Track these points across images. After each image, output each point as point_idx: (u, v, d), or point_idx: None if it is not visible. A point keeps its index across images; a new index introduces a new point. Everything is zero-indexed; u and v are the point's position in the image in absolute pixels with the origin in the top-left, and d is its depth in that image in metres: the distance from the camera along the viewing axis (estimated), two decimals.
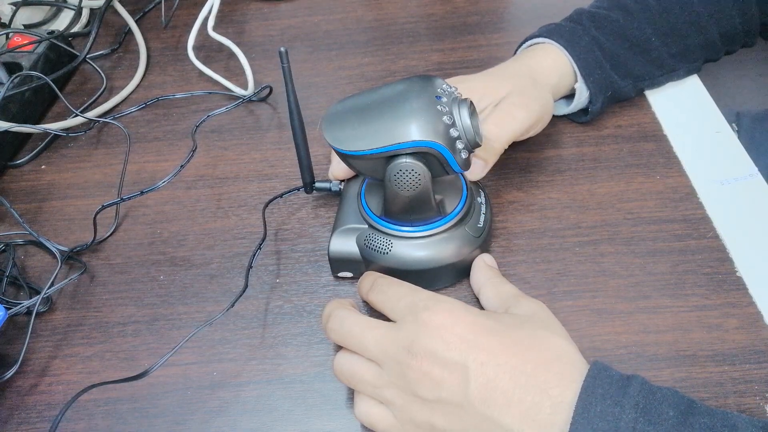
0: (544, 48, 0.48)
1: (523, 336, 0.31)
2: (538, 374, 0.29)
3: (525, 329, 0.32)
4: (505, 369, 0.30)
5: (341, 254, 0.41)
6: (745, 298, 0.39)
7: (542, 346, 0.31)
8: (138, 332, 0.41)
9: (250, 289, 0.43)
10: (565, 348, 0.31)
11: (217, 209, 0.48)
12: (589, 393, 0.28)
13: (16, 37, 0.59)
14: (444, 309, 0.32)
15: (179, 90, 0.58)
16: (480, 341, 0.31)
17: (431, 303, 0.32)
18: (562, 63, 0.47)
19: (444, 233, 0.39)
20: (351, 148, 0.36)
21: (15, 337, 0.42)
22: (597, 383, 0.29)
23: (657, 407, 0.28)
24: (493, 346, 0.30)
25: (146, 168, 0.52)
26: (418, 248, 0.39)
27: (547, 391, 0.29)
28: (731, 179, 0.46)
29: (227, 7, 0.67)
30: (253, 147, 0.52)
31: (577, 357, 0.31)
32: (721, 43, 0.51)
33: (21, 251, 0.47)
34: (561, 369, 0.30)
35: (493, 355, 0.30)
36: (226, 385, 0.38)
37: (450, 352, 0.30)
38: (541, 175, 0.47)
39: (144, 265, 0.45)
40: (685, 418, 0.27)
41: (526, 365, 0.30)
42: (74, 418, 0.38)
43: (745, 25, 0.51)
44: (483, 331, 0.31)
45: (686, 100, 0.52)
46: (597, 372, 0.29)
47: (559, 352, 0.31)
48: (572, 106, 0.49)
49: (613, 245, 0.43)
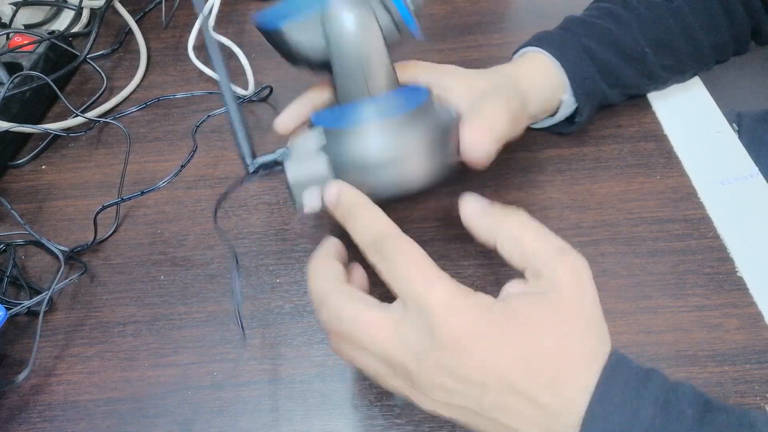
0: (533, 58, 0.46)
1: (548, 341, 0.28)
2: (557, 381, 0.28)
3: (552, 329, 0.28)
4: (526, 383, 0.28)
5: (304, 180, 0.34)
6: (746, 298, 0.39)
7: (567, 348, 0.28)
8: (138, 332, 0.41)
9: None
10: (589, 345, 0.28)
11: (218, 209, 0.48)
12: (609, 383, 0.27)
13: (17, 37, 0.59)
14: (456, 313, 0.28)
15: (179, 90, 0.58)
16: (500, 363, 0.28)
17: (440, 297, 0.28)
18: (553, 74, 0.45)
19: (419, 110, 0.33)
20: (282, 15, 0.33)
21: (15, 337, 0.42)
22: (617, 373, 0.27)
23: (676, 405, 0.27)
24: (513, 361, 0.28)
25: (147, 168, 0.52)
26: (389, 135, 0.32)
27: (563, 391, 0.27)
28: (732, 179, 0.46)
29: (227, 7, 0.67)
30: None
31: (600, 348, 0.29)
32: (711, 55, 0.50)
33: (21, 251, 0.47)
34: (581, 364, 0.28)
35: (514, 375, 0.28)
36: (226, 385, 0.38)
37: (467, 370, 0.28)
38: (541, 175, 0.47)
39: (144, 265, 0.45)
40: (703, 416, 0.27)
41: (546, 373, 0.28)
42: (74, 418, 0.38)
43: (735, 35, 0.50)
44: (503, 345, 0.28)
45: (687, 100, 0.52)
46: (616, 362, 0.28)
47: (584, 350, 0.28)
48: (558, 116, 0.47)
49: (613, 245, 0.43)
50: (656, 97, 0.52)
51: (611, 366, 0.28)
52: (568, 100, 0.46)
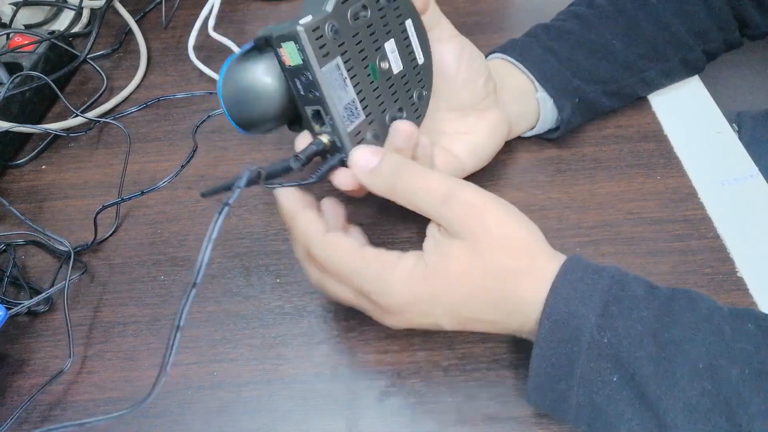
0: (497, 63, 0.47)
1: (493, 287, 0.32)
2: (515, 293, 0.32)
3: (490, 277, 0.32)
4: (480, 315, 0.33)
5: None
6: (746, 298, 0.39)
7: (511, 283, 0.32)
8: (138, 332, 0.41)
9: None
10: (522, 263, 0.32)
11: (218, 209, 0.48)
12: (568, 269, 0.32)
13: (17, 38, 0.59)
14: (396, 293, 0.32)
15: (180, 90, 0.58)
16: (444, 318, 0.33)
17: (379, 287, 0.32)
18: (517, 74, 0.46)
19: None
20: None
21: (15, 337, 0.42)
22: (574, 266, 0.32)
23: (630, 282, 0.31)
24: (464, 300, 0.32)
25: (147, 168, 0.52)
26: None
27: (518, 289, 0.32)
28: (732, 179, 0.46)
29: (228, 7, 0.67)
30: (253, 147, 0.52)
31: (537, 262, 0.32)
32: (695, 42, 0.49)
33: (21, 251, 0.47)
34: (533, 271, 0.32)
35: (468, 312, 0.33)
36: (226, 385, 0.38)
37: (423, 318, 0.33)
38: (541, 175, 0.47)
39: (144, 265, 0.45)
40: (651, 290, 0.31)
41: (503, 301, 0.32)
42: (74, 418, 0.38)
43: (719, 23, 0.50)
44: (446, 309, 0.33)
45: (687, 100, 0.52)
46: (574, 259, 0.33)
47: (520, 266, 0.32)
48: (541, 117, 0.46)
49: (613, 245, 0.43)
50: (656, 97, 0.52)
51: (565, 267, 0.32)
52: (542, 97, 0.46)
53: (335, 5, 0.33)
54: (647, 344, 0.29)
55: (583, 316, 0.30)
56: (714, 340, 0.29)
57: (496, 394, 0.37)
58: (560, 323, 0.30)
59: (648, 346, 0.29)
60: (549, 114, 0.46)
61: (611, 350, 0.29)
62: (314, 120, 0.35)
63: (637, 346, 0.29)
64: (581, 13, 0.49)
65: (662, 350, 0.29)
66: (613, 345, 0.29)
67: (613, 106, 0.49)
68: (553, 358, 0.31)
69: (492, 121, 0.43)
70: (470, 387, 0.37)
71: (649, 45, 0.48)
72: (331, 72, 0.33)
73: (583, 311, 0.30)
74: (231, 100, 0.35)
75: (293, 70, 0.33)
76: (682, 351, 0.29)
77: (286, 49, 0.33)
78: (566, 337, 0.30)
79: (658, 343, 0.29)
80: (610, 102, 0.49)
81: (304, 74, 0.33)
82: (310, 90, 0.33)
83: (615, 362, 0.29)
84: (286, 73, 0.34)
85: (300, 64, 0.33)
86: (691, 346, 0.29)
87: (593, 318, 0.30)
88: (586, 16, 0.49)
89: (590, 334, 0.30)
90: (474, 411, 0.36)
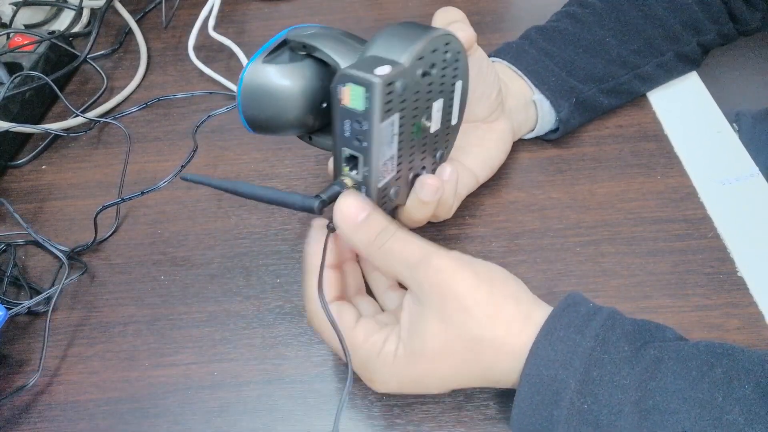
0: (498, 69, 0.46)
1: (472, 360, 0.32)
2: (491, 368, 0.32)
3: (469, 347, 0.31)
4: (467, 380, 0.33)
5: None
6: (746, 298, 0.39)
7: (490, 355, 0.31)
8: (139, 332, 0.41)
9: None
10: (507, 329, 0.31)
11: (218, 209, 0.48)
12: (556, 320, 0.31)
13: (17, 37, 0.59)
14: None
15: (180, 90, 0.58)
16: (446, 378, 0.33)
17: (365, 375, 0.33)
18: (512, 76, 0.46)
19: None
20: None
21: (16, 337, 0.42)
22: (556, 323, 0.31)
23: (615, 342, 0.30)
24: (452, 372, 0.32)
25: (147, 168, 0.52)
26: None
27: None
28: (732, 179, 0.46)
29: (228, 7, 0.67)
30: (253, 147, 0.52)
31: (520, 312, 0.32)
32: (687, 34, 0.49)
33: (21, 251, 0.47)
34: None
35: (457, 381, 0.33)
36: (226, 385, 0.38)
37: (412, 392, 0.34)
38: (542, 175, 0.47)
39: (145, 265, 0.45)
40: (637, 351, 0.30)
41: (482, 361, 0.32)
42: (74, 418, 0.38)
43: (711, 16, 0.50)
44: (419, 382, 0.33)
45: (687, 99, 0.52)
46: (567, 305, 0.32)
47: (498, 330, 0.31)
48: (539, 119, 0.46)
49: (614, 245, 0.43)
50: (656, 96, 0.52)
51: (547, 326, 0.31)
52: (539, 99, 0.46)
53: (412, 61, 0.31)
54: (629, 413, 0.28)
55: (563, 381, 0.29)
56: (700, 412, 0.28)
57: (496, 394, 0.37)
58: (540, 386, 0.30)
59: (629, 415, 0.28)
60: (547, 115, 0.46)
61: (591, 416, 0.29)
62: (346, 162, 0.33)
63: (617, 414, 0.28)
64: (574, 12, 0.50)
65: (645, 420, 0.28)
66: (594, 412, 0.29)
67: (612, 105, 0.49)
68: (533, 417, 0.30)
69: (500, 131, 0.43)
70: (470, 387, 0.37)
71: (643, 40, 0.49)
72: (386, 128, 0.31)
73: (563, 376, 0.29)
74: (250, 97, 0.34)
75: (348, 112, 0.31)
76: (666, 422, 0.28)
77: (351, 91, 0.30)
78: (546, 400, 0.30)
79: (641, 412, 0.28)
80: (609, 100, 0.48)
81: (358, 121, 0.31)
82: (358, 137, 0.31)
83: (596, 428, 0.29)
84: (336, 111, 0.31)
85: (359, 111, 0.30)
86: (676, 418, 0.28)
87: (573, 384, 0.29)
88: (579, 16, 0.49)
89: (570, 400, 0.29)
90: (474, 411, 0.36)
